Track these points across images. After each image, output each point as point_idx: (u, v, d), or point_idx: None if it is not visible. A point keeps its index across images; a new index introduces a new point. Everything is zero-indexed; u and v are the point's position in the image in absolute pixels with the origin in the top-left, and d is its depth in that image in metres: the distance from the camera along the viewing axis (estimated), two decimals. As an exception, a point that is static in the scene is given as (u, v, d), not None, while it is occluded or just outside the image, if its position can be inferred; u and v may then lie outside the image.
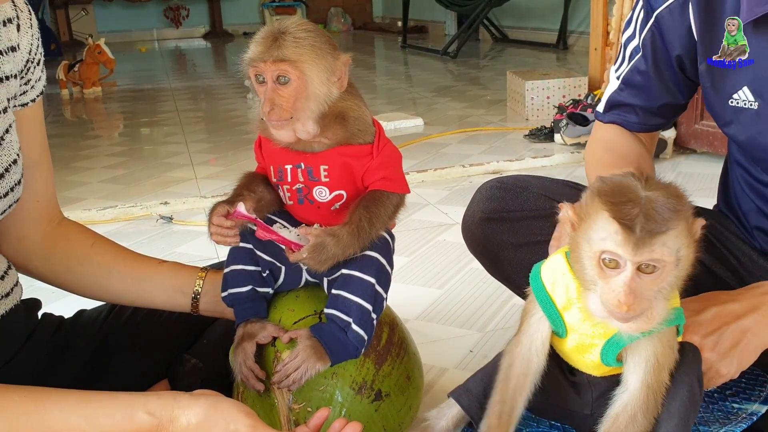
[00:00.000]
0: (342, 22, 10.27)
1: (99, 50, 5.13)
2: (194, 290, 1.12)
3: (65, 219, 1.17)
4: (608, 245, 0.74)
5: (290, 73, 0.96)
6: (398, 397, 1.10)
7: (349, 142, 1.02)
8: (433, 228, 2.32)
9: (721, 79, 1.07)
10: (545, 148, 3.17)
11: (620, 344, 0.83)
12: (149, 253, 1.19)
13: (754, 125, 1.07)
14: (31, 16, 1.02)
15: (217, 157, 3.36)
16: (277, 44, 0.95)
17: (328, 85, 0.99)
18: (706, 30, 1.08)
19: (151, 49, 8.74)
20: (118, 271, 1.13)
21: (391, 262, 1.07)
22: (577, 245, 0.78)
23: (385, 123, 3.70)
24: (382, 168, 1.03)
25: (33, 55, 1.03)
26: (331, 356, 1.01)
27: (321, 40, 0.98)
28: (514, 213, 1.23)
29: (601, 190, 0.76)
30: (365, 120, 1.03)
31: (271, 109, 0.96)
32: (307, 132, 1.00)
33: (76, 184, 2.98)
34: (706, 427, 0.98)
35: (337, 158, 1.02)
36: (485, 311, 1.73)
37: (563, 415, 0.96)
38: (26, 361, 1.07)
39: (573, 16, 6.56)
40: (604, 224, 0.74)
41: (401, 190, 1.06)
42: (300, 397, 1.02)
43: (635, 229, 0.72)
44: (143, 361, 1.17)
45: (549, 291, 0.86)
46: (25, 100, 1.04)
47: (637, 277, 0.74)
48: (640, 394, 0.82)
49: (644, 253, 0.73)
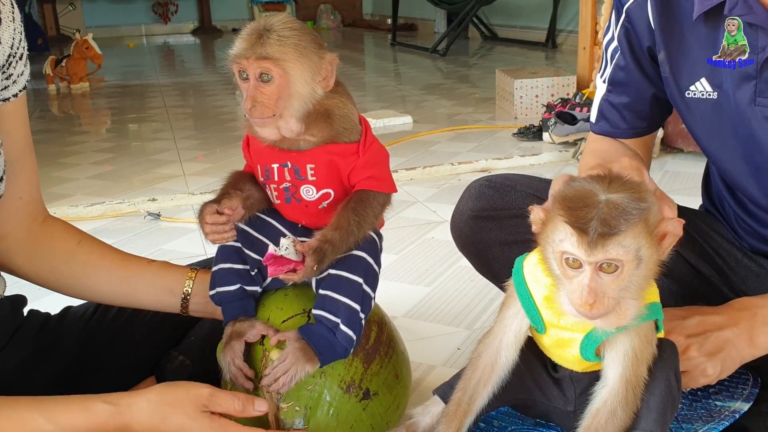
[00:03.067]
0: (331, 19, 10.25)
1: (86, 45, 5.09)
2: (184, 291, 1.11)
3: (50, 217, 1.15)
4: (566, 246, 0.77)
5: (273, 71, 0.95)
6: (386, 396, 1.11)
7: (335, 141, 1.02)
8: (422, 226, 2.33)
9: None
10: (534, 147, 3.18)
11: (598, 339, 0.84)
12: (137, 250, 1.19)
13: (713, 115, 1.08)
14: (14, 9, 1.01)
15: (205, 153, 3.35)
16: (261, 42, 0.95)
17: (312, 84, 0.99)
18: (662, 21, 1.10)
19: (139, 45, 8.69)
20: (105, 270, 1.11)
21: (378, 261, 1.08)
22: (544, 246, 0.81)
23: (374, 120, 3.70)
24: (368, 167, 1.03)
25: (15, 49, 1.01)
26: (320, 357, 1.01)
27: (306, 39, 0.98)
28: (503, 211, 1.24)
29: (562, 195, 0.79)
30: (351, 118, 1.03)
31: (253, 106, 0.96)
32: (291, 130, 1.00)
33: (63, 180, 2.96)
34: (689, 425, 0.99)
35: (323, 156, 1.02)
36: (473, 309, 1.74)
37: (547, 411, 0.97)
38: (11, 358, 1.07)
39: (562, 15, 6.57)
40: (561, 227, 0.77)
41: (388, 189, 1.06)
42: (288, 396, 1.02)
43: (589, 232, 0.74)
44: (130, 358, 1.17)
45: (529, 286, 0.87)
46: (6, 95, 1.02)
47: (597, 276, 0.76)
48: (619, 389, 0.83)
49: (598, 253, 0.75)
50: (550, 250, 0.80)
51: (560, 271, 0.79)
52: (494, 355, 0.91)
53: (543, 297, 0.86)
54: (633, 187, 0.78)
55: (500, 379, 0.91)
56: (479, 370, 0.91)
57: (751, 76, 1.02)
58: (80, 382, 1.12)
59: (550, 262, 0.80)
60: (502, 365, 0.91)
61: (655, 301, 0.86)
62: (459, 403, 0.91)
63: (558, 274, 0.80)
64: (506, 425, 1.01)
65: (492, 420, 1.02)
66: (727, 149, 1.11)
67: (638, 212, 0.75)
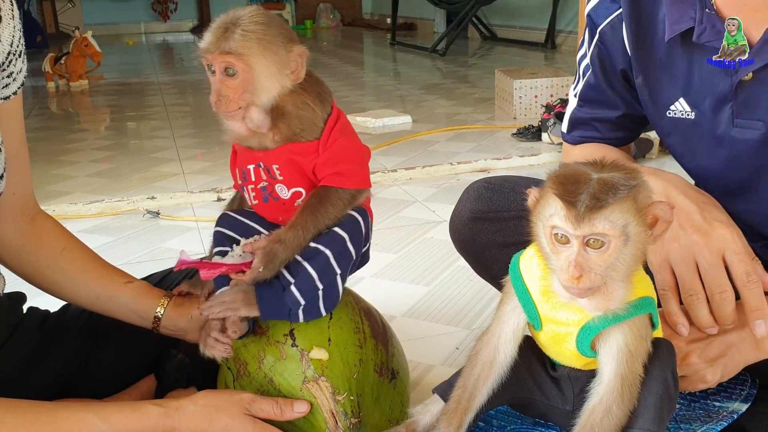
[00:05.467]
0: (331, 18, 10.25)
1: (86, 43, 5.09)
2: (155, 315, 1.11)
3: (40, 213, 1.15)
4: (555, 221, 0.78)
5: (237, 66, 0.95)
6: (405, 374, 1.16)
7: (293, 140, 1.01)
8: (421, 225, 2.33)
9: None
10: (532, 147, 3.18)
11: (593, 330, 0.84)
12: (136, 248, 1.18)
13: (693, 135, 1.10)
14: (13, 7, 1.01)
15: (204, 152, 3.35)
16: (225, 36, 0.95)
17: (278, 77, 0.98)
18: (638, 47, 1.11)
19: (139, 43, 8.69)
20: (85, 284, 1.12)
21: (357, 242, 1.04)
22: (536, 225, 0.82)
23: (373, 120, 3.71)
24: (331, 164, 1.01)
25: (15, 47, 1.02)
26: (261, 309, 1.00)
27: (272, 33, 0.97)
28: (502, 213, 1.24)
29: (556, 173, 0.80)
30: (308, 118, 1.01)
31: (218, 99, 0.97)
32: (257, 124, 0.99)
33: (63, 178, 2.96)
34: (687, 425, 0.99)
35: (285, 156, 1.01)
36: (472, 308, 1.74)
37: (546, 411, 0.97)
38: (11, 356, 1.07)
39: (561, 16, 6.58)
40: (552, 202, 0.78)
41: (354, 185, 1.02)
42: (340, 388, 1.02)
43: (577, 205, 0.75)
44: (129, 356, 1.17)
45: (526, 282, 0.88)
46: (6, 93, 1.03)
47: (584, 251, 0.77)
48: (614, 386, 0.84)
49: (585, 227, 0.76)
50: (540, 227, 0.81)
51: (549, 248, 0.80)
52: (493, 352, 0.91)
53: (539, 290, 0.86)
54: (626, 169, 0.80)
55: (499, 376, 0.91)
56: (478, 367, 0.91)
57: (727, 98, 1.03)
58: (80, 379, 1.12)
59: (541, 239, 0.81)
60: (501, 362, 0.91)
61: (649, 295, 0.86)
62: (459, 401, 0.91)
63: (548, 252, 0.81)
64: (505, 424, 1.01)
65: (491, 419, 1.02)
66: (707, 169, 1.12)
67: (626, 189, 0.76)
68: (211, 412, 0.93)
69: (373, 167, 2.93)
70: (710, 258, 0.96)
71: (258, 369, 1.04)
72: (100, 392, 1.11)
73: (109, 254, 2.09)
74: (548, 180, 0.80)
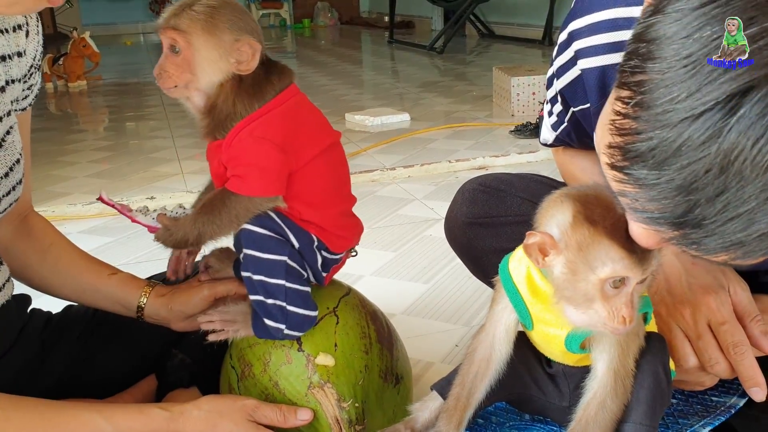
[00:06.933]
0: (329, 16, 10.25)
1: (84, 43, 5.09)
2: (138, 305, 1.13)
3: (32, 212, 1.17)
4: (616, 269, 0.74)
5: (179, 43, 0.96)
6: (409, 378, 1.16)
7: (213, 136, 1.01)
8: (420, 223, 2.34)
9: None
10: (531, 144, 3.18)
11: (581, 336, 0.85)
12: (134, 249, 1.19)
13: None
14: (39, 23, 1.05)
15: (203, 152, 3.34)
16: (176, 13, 0.96)
17: (219, 64, 0.96)
18: None
19: (137, 43, 8.68)
20: (72, 278, 1.14)
21: (271, 248, 0.98)
22: (568, 275, 0.78)
23: (371, 118, 3.71)
24: (230, 165, 0.98)
25: (36, 60, 1.07)
26: (255, 331, 1.03)
27: (222, 18, 0.95)
28: (498, 218, 1.23)
29: (588, 217, 0.76)
30: (227, 115, 0.97)
31: (159, 74, 0.98)
32: (195, 106, 1.01)
33: (62, 179, 2.96)
34: (685, 420, 1.00)
35: (210, 152, 1.02)
36: (471, 306, 1.75)
37: (543, 407, 0.97)
38: (18, 357, 1.08)
39: (559, 13, 6.58)
40: (603, 249, 0.75)
41: (248, 192, 0.96)
42: (345, 394, 1.02)
43: (636, 249, 0.73)
44: (131, 356, 1.18)
45: (516, 282, 0.88)
46: (24, 105, 1.07)
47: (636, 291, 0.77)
48: (607, 380, 0.84)
49: (647, 269, 0.76)
50: (584, 276, 0.76)
51: (596, 295, 0.76)
52: (489, 350, 0.92)
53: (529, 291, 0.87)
54: None
55: (497, 373, 0.92)
56: (476, 364, 0.92)
57: None
58: (82, 380, 1.13)
59: (578, 286, 0.77)
60: (497, 359, 0.92)
61: (644, 294, 0.86)
62: (458, 398, 0.92)
63: (588, 297, 0.77)
64: (504, 421, 1.02)
65: (490, 416, 1.02)
66: None
67: None
68: (215, 417, 0.94)
69: (372, 165, 2.94)
70: (696, 330, 0.96)
71: (263, 371, 1.04)
72: (101, 392, 1.12)
73: (109, 254, 2.10)
74: (584, 223, 0.75)
